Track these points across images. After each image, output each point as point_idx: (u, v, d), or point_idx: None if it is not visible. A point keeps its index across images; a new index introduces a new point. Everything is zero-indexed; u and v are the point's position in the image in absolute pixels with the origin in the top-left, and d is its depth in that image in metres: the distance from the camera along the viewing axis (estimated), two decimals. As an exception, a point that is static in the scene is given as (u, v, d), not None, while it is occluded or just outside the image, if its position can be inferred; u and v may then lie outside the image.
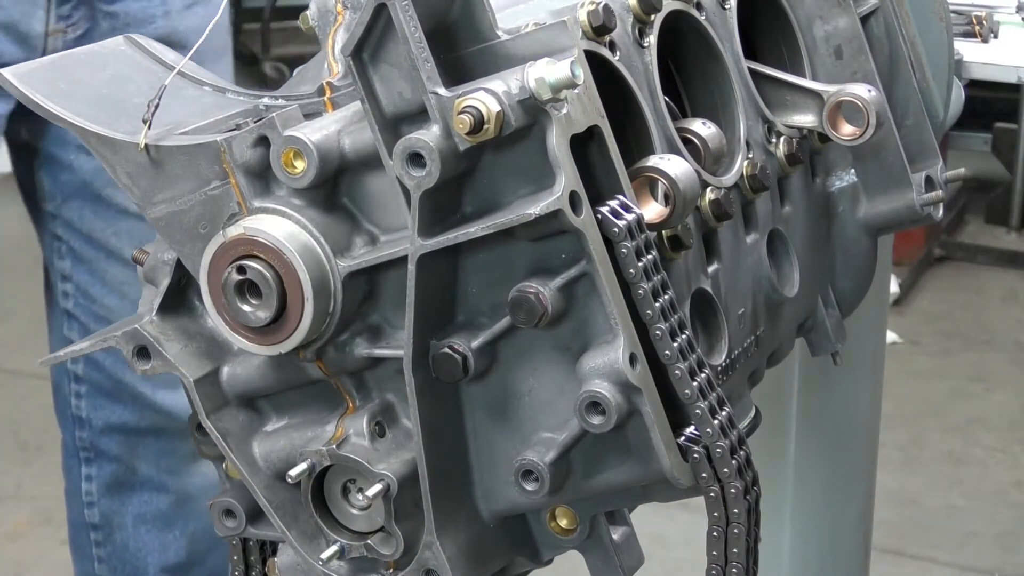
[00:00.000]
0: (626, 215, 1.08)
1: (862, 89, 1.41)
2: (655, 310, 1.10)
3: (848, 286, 1.57)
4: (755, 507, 1.16)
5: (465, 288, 1.11)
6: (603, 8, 1.14)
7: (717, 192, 1.26)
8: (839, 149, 1.51)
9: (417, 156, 1.04)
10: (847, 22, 1.49)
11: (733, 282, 1.31)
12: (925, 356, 4.76)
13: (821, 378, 2.06)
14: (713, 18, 1.34)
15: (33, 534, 3.77)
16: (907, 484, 3.95)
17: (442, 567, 1.16)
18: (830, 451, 2.16)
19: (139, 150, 1.16)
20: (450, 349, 1.10)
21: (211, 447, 1.23)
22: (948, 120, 1.73)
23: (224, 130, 1.17)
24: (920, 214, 1.52)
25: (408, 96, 1.05)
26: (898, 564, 3.62)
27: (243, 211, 1.14)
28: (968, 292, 5.27)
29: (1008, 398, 4.48)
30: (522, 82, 1.03)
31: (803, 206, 1.47)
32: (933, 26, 1.65)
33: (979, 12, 2.48)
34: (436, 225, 1.07)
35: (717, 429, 1.12)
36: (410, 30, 1.03)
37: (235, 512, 1.25)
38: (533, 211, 1.04)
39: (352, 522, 1.20)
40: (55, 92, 1.18)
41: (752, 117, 1.37)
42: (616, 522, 1.23)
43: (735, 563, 1.17)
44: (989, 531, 3.75)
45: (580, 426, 1.10)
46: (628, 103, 1.20)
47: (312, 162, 1.09)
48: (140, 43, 1.27)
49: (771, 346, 1.43)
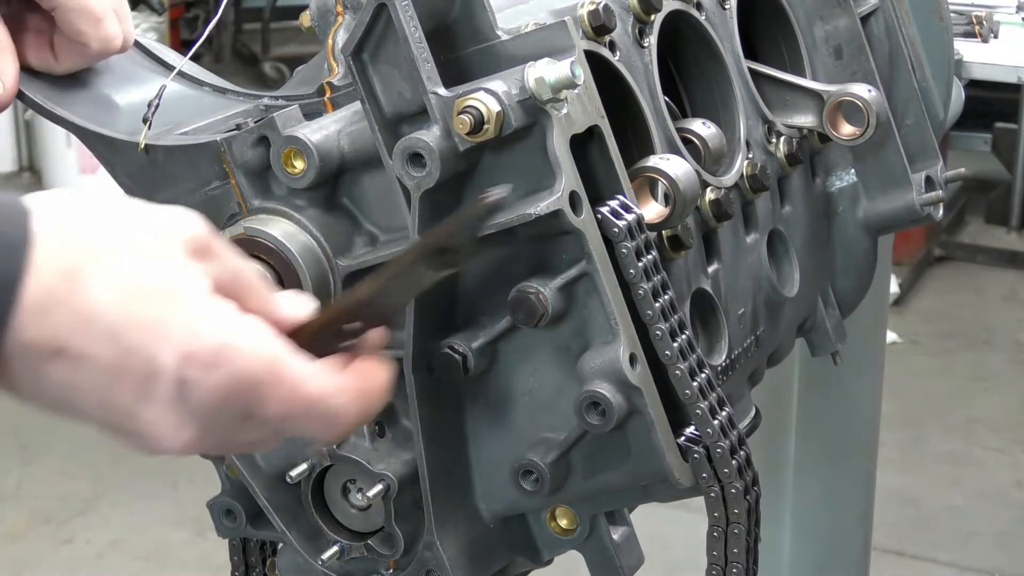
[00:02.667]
0: (626, 215, 1.08)
1: (862, 89, 1.41)
2: (655, 310, 1.10)
3: (848, 286, 1.57)
4: (755, 507, 1.16)
5: (466, 288, 1.11)
6: (603, 8, 1.14)
7: (717, 192, 1.26)
8: (839, 149, 1.51)
9: (417, 156, 1.04)
10: (847, 22, 1.49)
11: (733, 282, 1.31)
12: (925, 356, 4.76)
13: (821, 378, 2.06)
14: (713, 18, 1.34)
15: (33, 534, 3.77)
16: (907, 484, 3.95)
17: (442, 567, 1.16)
18: (830, 451, 2.16)
19: (139, 150, 1.16)
20: (450, 349, 1.10)
21: (211, 447, 1.23)
22: (948, 120, 1.73)
23: (224, 130, 1.17)
24: (920, 214, 1.52)
25: (408, 96, 1.05)
26: (898, 564, 3.62)
27: (243, 211, 1.14)
28: (968, 292, 5.27)
29: (1008, 398, 4.48)
30: (522, 82, 1.03)
31: (803, 206, 1.47)
32: (933, 26, 1.65)
33: (979, 12, 2.48)
34: (436, 225, 1.07)
35: (717, 429, 1.12)
36: (410, 30, 1.03)
37: (235, 512, 1.25)
38: (533, 211, 1.04)
39: (352, 522, 1.20)
40: (55, 92, 1.18)
41: (752, 117, 1.37)
42: (616, 522, 1.23)
43: (735, 563, 1.17)
44: (989, 531, 3.75)
45: (580, 426, 1.10)
46: (628, 103, 1.20)
47: (312, 162, 1.09)
48: (140, 43, 1.27)
49: (771, 346, 1.43)
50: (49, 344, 0.82)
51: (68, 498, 3.92)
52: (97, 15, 1.16)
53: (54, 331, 0.82)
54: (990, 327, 4.98)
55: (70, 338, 0.82)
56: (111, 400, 0.84)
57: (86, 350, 0.83)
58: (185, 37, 7.40)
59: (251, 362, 0.85)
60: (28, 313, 0.81)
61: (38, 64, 1.18)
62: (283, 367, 0.86)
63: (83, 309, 0.82)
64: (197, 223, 0.87)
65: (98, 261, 0.83)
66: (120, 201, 0.87)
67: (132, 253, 0.83)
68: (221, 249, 0.88)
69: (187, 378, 0.83)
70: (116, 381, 0.83)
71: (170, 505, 3.85)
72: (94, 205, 0.85)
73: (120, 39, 1.18)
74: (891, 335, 4.68)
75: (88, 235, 0.83)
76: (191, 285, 0.84)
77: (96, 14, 1.16)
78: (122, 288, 0.83)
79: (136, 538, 3.74)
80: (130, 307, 0.83)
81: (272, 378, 0.85)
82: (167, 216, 0.86)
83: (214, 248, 0.87)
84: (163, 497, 3.90)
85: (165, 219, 0.86)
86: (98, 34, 1.16)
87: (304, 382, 0.86)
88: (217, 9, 6.27)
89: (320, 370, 0.88)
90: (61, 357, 0.83)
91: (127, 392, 0.84)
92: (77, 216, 0.84)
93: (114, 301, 0.82)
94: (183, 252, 0.85)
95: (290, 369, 0.86)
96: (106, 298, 0.82)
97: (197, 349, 0.83)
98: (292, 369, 0.86)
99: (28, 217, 0.82)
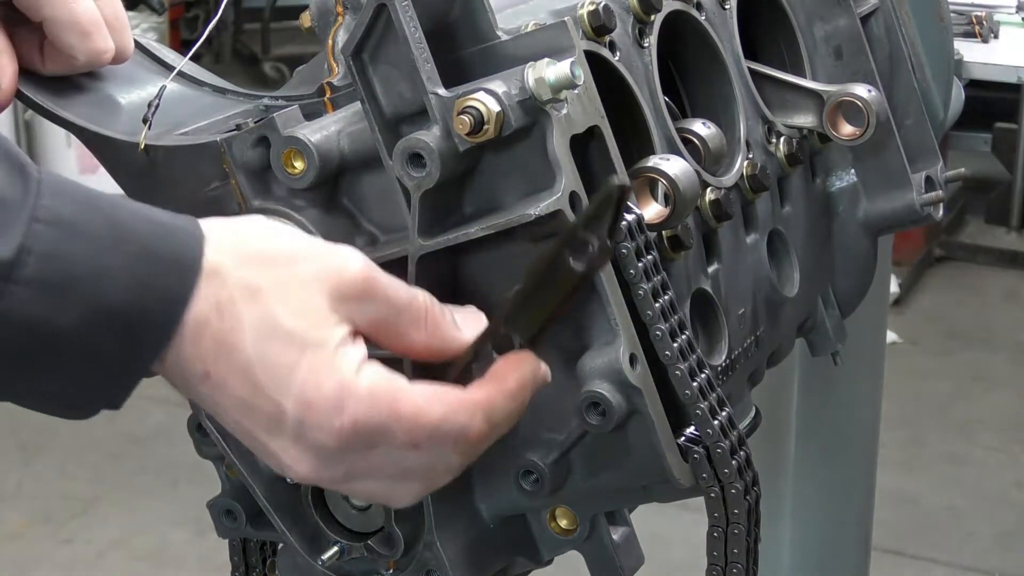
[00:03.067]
0: (626, 215, 1.08)
1: (862, 89, 1.41)
2: (655, 310, 1.10)
3: (848, 286, 1.57)
4: (755, 507, 1.16)
5: (464, 290, 1.11)
6: (603, 8, 1.14)
7: (717, 192, 1.26)
8: (839, 149, 1.50)
9: (417, 156, 1.04)
10: (847, 22, 1.49)
11: (733, 282, 1.31)
12: (925, 356, 4.76)
13: (821, 378, 2.06)
14: (713, 18, 1.34)
15: (33, 534, 3.77)
16: (907, 484, 3.95)
17: (442, 567, 1.16)
18: (830, 451, 2.16)
19: (139, 150, 1.16)
20: (450, 349, 1.10)
21: (211, 447, 1.23)
22: (948, 120, 1.73)
23: (224, 130, 1.17)
24: (920, 214, 1.52)
25: (408, 96, 1.05)
26: (898, 564, 3.62)
27: (243, 211, 1.14)
28: (968, 292, 5.28)
29: (1008, 398, 4.48)
30: (522, 82, 1.03)
31: (803, 206, 1.47)
32: (933, 26, 1.65)
33: (979, 12, 2.48)
34: (436, 225, 1.07)
35: (717, 429, 1.12)
36: (410, 30, 1.03)
37: (235, 512, 1.25)
38: (533, 211, 1.04)
39: (352, 522, 1.20)
40: (55, 92, 1.18)
41: (752, 117, 1.37)
42: (616, 522, 1.23)
43: (735, 563, 1.17)
44: (989, 531, 3.75)
45: (580, 426, 1.10)
46: (628, 103, 1.20)
47: (312, 162, 1.09)
48: (140, 43, 1.27)
49: (771, 346, 1.43)
50: (199, 367, 0.92)
51: (68, 498, 3.93)
52: (85, 29, 1.14)
53: (202, 356, 0.91)
54: (990, 327, 4.99)
55: (214, 364, 0.92)
56: (246, 426, 0.94)
57: (226, 379, 0.92)
58: (185, 37, 7.40)
59: (369, 408, 0.92)
60: (185, 336, 0.91)
61: (23, 65, 1.18)
62: (400, 404, 0.93)
63: (227, 343, 0.91)
64: (353, 265, 0.95)
65: (249, 300, 0.91)
66: (287, 235, 0.96)
67: (279, 298, 0.92)
68: (380, 287, 0.95)
69: (306, 422, 0.92)
70: (249, 412, 0.93)
71: (170, 505, 3.85)
72: (261, 240, 0.94)
73: (110, 53, 1.17)
74: (891, 335, 4.69)
75: (246, 273, 0.92)
76: (324, 334, 0.92)
77: (84, 27, 1.14)
78: (262, 330, 0.91)
79: (136, 538, 3.74)
80: (265, 349, 0.91)
81: (391, 416, 0.92)
82: (324, 260, 0.94)
83: (369, 289, 0.94)
84: (163, 497, 3.90)
85: (321, 264, 0.94)
86: (85, 47, 1.15)
87: (423, 411, 0.93)
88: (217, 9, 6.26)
89: (437, 393, 0.94)
90: (209, 380, 0.92)
91: (258, 423, 0.93)
92: (242, 250, 0.93)
93: (253, 341, 0.91)
94: (327, 299, 0.93)
95: (407, 403, 0.93)
96: (247, 337, 0.91)
97: (316, 399, 0.91)
98: (409, 402, 0.93)
99: (203, 244, 0.91)
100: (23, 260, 0.86)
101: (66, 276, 0.88)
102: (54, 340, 0.88)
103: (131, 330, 0.90)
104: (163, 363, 0.92)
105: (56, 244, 0.88)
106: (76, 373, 0.90)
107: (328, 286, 0.93)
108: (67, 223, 0.88)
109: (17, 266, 0.86)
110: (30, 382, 0.91)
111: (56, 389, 0.91)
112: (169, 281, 0.90)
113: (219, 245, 0.92)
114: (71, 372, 0.90)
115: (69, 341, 0.88)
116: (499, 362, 0.96)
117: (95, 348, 0.89)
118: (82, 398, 0.93)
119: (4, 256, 0.86)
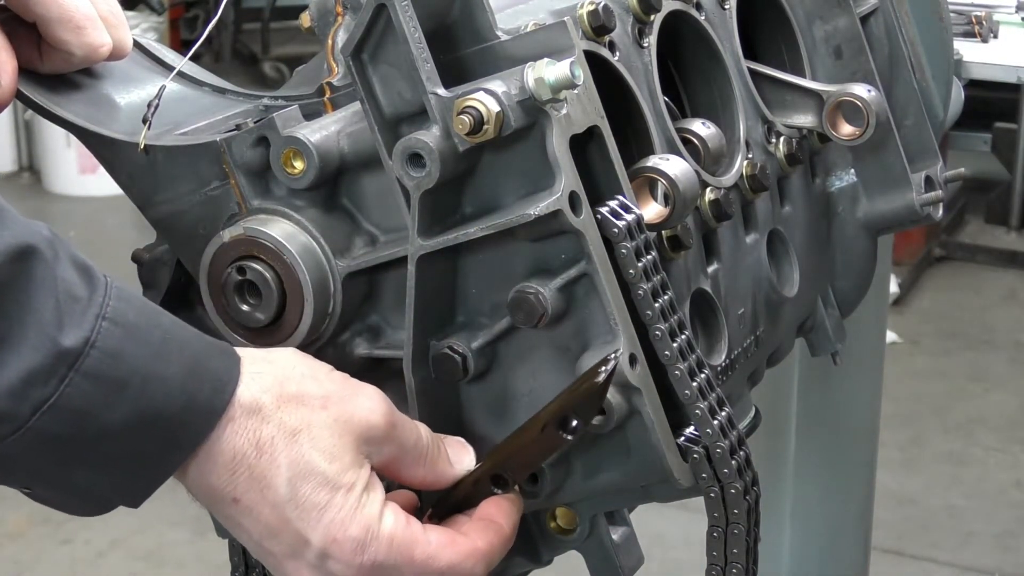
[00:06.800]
0: (626, 215, 1.08)
1: (862, 89, 1.41)
2: (655, 310, 1.10)
3: (848, 286, 1.57)
4: (755, 507, 1.16)
5: (465, 288, 1.11)
6: (603, 8, 1.14)
7: (717, 192, 1.26)
8: (839, 149, 1.50)
9: (417, 156, 1.04)
10: (847, 22, 1.49)
11: (733, 282, 1.31)
12: (925, 356, 4.76)
13: (821, 378, 2.06)
14: (713, 18, 1.34)
15: (33, 534, 3.77)
16: (907, 484, 3.95)
17: (442, 567, 1.16)
18: (830, 451, 2.16)
19: (139, 150, 1.16)
20: (450, 349, 1.10)
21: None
22: (948, 120, 1.73)
23: (224, 130, 1.17)
24: (920, 214, 1.52)
25: (408, 96, 1.05)
26: (898, 564, 3.62)
27: (243, 211, 1.14)
28: (968, 292, 5.28)
29: (1008, 398, 4.48)
30: (522, 82, 1.03)
31: (803, 206, 1.47)
32: (933, 26, 1.65)
33: (979, 12, 2.48)
34: (436, 225, 1.07)
35: (717, 429, 1.12)
36: (410, 30, 1.03)
37: (235, 512, 1.25)
38: (533, 211, 1.04)
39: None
40: (54, 92, 1.18)
41: (752, 117, 1.37)
42: (616, 522, 1.23)
43: (735, 563, 1.17)
44: (989, 531, 3.75)
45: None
46: (628, 103, 1.20)
47: (312, 162, 1.09)
48: (140, 43, 1.27)
49: (771, 346, 1.43)
50: (229, 492, 1.01)
51: (68, 498, 3.92)
52: (78, 23, 1.14)
53: (235, 484, 1.00)
54: (990, 327, 4.98)
55: (246, 493, 1.00)
56: (265, 545, 1.03)
57: (255, 508, 1.01)
58: (185, 37, 7.40)
59: (388, 550, 1.02)
60: (219, 462, 1.00)
61: (22, 64, 1.18)
62: (415, 551, 1.03)
63: (263, 478, 1.00)
64: (379, 410, 1.04)
65: (287, 441, 1.00)
66: (322, 376, 1.04)
67: (313, 441, 1.01)
68: (396, 429, 1.05)
69: (330, 555, 1.01)
70: (272, 537, 1.02)
71: (170, 505, 3.83)
72: (299, 384, 1.02)
73: (107, 47, 1.17)
74: (891, 335, 4.69)
75: (285, 416, 1.01)
76: (352, 478, 1.01)
77: (77, 22, 1.14)
78: (297, 471, 1.00)
79: (136, 538, 3.73)
80: (298, 488, 1.00)
81: (406, 560, 1.03)
82: (352, 404, 1.03)
83: (389, 432, 1.05)
84: (163, 497, 3.88)
85: (350, 408, 1.03)
86: (80, 42, 1.15)
87: (434, 558, 1.04)
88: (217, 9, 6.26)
89: (448, 543, 1.05)
90: (237, 505, 1.01)
91: (278, 546, 1.02)
92: (282, 393, 1.01)
93: (287, 479, 1.00)
94: (354, 446, 1.02)
95: (422, 550, 1.03)
96: (282, 475, 1.00)
97: (341, 538, 1.01)
98: (423, 551, 1.03)
99: (239, 364, 1.00)
100: (88, 353, 0.92)
101: (123, 374, 0.94)
102: (99, 434, 0.94)
103: (171, 435, 0.97)
104: (185, 472, 1.00)
105: (120, 343, 0.94)
106: (111, 468, 0.97)
107: (358, 430, 1.02)
108: (131, 326, 0.95)
109: (82, 357, 0.92)
110: (64, 471, 0.96)
111: (85, 482, 0.97)
112: (211, 396, 0.98)
113: (261, 383, 1.00)
114: (106, 466, 0.97)
115: (113, 437, 0.95)
116: (494, 508, 1.09)
117: (134, 447, 0.96)
118: (108, 492, 0.99)
119: (72, 346, 0.92)
